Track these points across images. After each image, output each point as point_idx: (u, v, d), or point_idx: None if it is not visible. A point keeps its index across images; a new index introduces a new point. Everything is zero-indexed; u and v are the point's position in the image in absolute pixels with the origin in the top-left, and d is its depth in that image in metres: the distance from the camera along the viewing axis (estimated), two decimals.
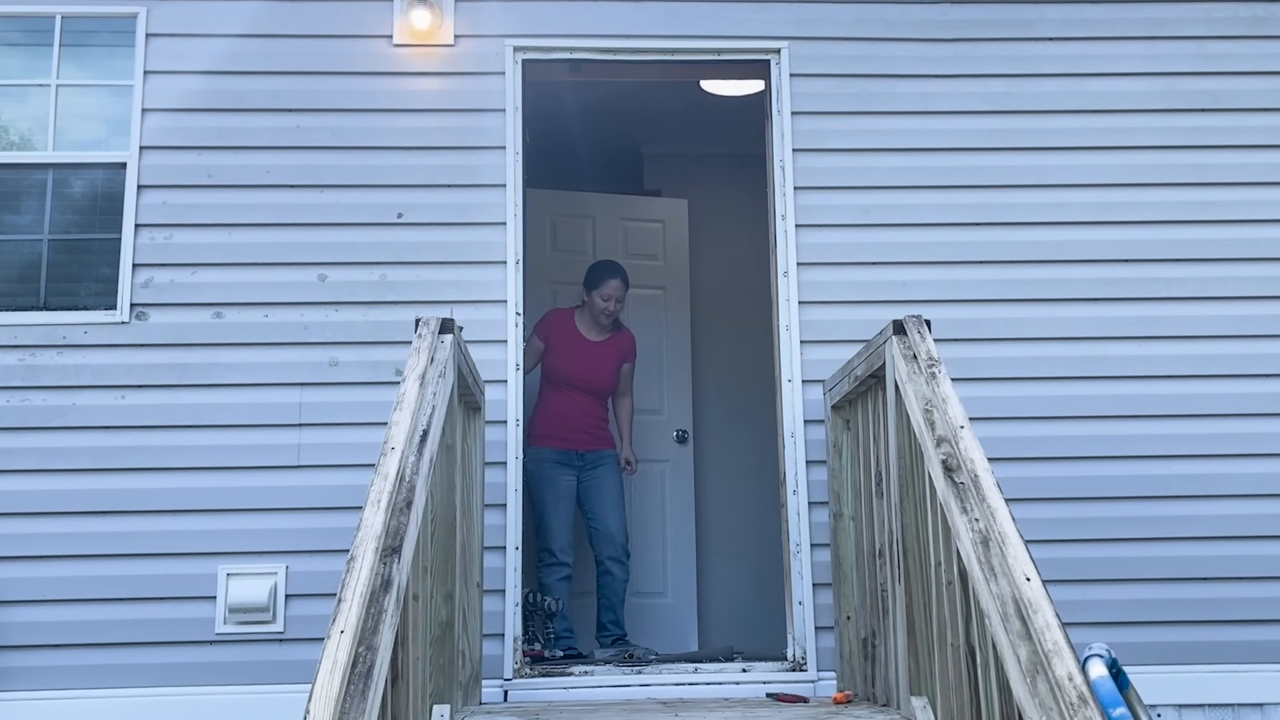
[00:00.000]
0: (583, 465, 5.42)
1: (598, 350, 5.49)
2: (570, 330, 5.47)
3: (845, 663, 4.29)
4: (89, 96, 4.85)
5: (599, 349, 5.49)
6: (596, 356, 5.48)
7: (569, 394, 5.43)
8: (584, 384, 5.45)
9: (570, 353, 5.44)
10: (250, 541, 4.42)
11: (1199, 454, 4.62)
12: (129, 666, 4.31)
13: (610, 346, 5.53)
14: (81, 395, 4.51)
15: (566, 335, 5.46)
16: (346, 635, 2.46)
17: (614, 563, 5.34)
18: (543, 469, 5.32)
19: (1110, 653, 3.24)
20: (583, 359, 5.44)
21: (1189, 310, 4.74)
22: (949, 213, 4.79)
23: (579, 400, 5.44)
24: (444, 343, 3.51)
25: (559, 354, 5.43)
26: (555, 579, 5.21)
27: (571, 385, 5.43)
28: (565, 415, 5.41)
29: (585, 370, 5.44)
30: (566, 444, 5.39)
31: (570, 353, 5.44)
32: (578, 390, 5.44)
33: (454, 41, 4.85)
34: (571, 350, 5.44)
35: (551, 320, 5.51)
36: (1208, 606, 4.49)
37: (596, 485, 5.43)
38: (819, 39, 4.91)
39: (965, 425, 3.12)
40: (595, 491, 5.42)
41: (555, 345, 5.44)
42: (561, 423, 5.40)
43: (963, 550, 2.84)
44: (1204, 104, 4.91)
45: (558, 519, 5.30)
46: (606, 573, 5.36)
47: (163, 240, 4.65)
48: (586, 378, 5.44)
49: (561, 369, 5.42)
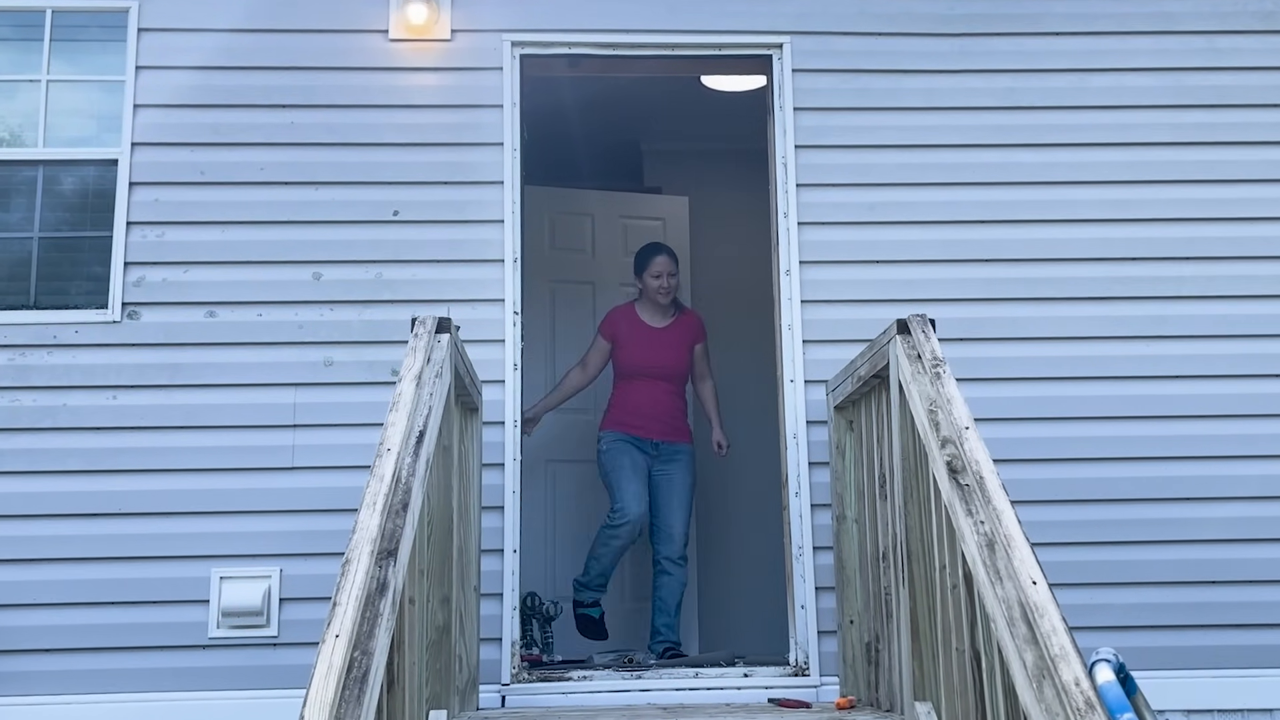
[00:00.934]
0: (657, 455, 5.35)
1: (664, 335, 5.45)
2: (634, 321, 5.47)
3: (848, 667, 4.28)
4: (80, 92, 4.85)
5: (664, 334, 5.46)
6: (664, 341, 5.45)
7: (643, 383, 5.41)
8: (656, 370, 5.41)
9: (637, 342, 5.42)
10: (244, 544, 4.41)
11: (1208, 455, 4.61)
12: (120, 671, 4.31)
13: (676, 330, 5.49)
14: (72, 395, 4.51)
15: (631, 327, 5.45)
16: (341, 639, 2.46)
17: (672, 563, 5.25)
18: (616, 445, 5.31)
19: (1118, 657, 3.24)
20: (650, 346, 5.42)
21: (1198, 309, 4.73)
22: (953, 210, 4.79)
23: (654, 389, 5.40)
24: (440, 342, 3.51)
25: (626, 346, 5.43)
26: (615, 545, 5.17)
27: (644, 374, 5.40)
28: (639, 404, 5.37)
29: (655, 356, 5.41)
30: (641, 432, 5.35)
31: (637, 342, 5.42)
32: (651, 378, 5.41)
33: (451, 36, 4.85)
34: (638, 339, 5.43)
35: (614, 317, 5.52)
36: (1217, 610, 4.49)
37: (668, 480, 5.34)
38: (822, 34, 4.91)
39: (970, 426, 3.11)
40: (666, 486, 5.33)
41: (622, 339, 5.44)
42: (635, 410, 5.37)
43: (968, 553, 2.84)
44: (1213, 100, 4.91)
45: (633, 482, 5.21)
46: (664, 573, 5.25)
47: (155, 238, 4.65)
48: (657, 363, 5.41)
49: (634, 360, 5.41)
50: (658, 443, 5.36)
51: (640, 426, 5.35)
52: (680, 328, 5.50)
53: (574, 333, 6.17)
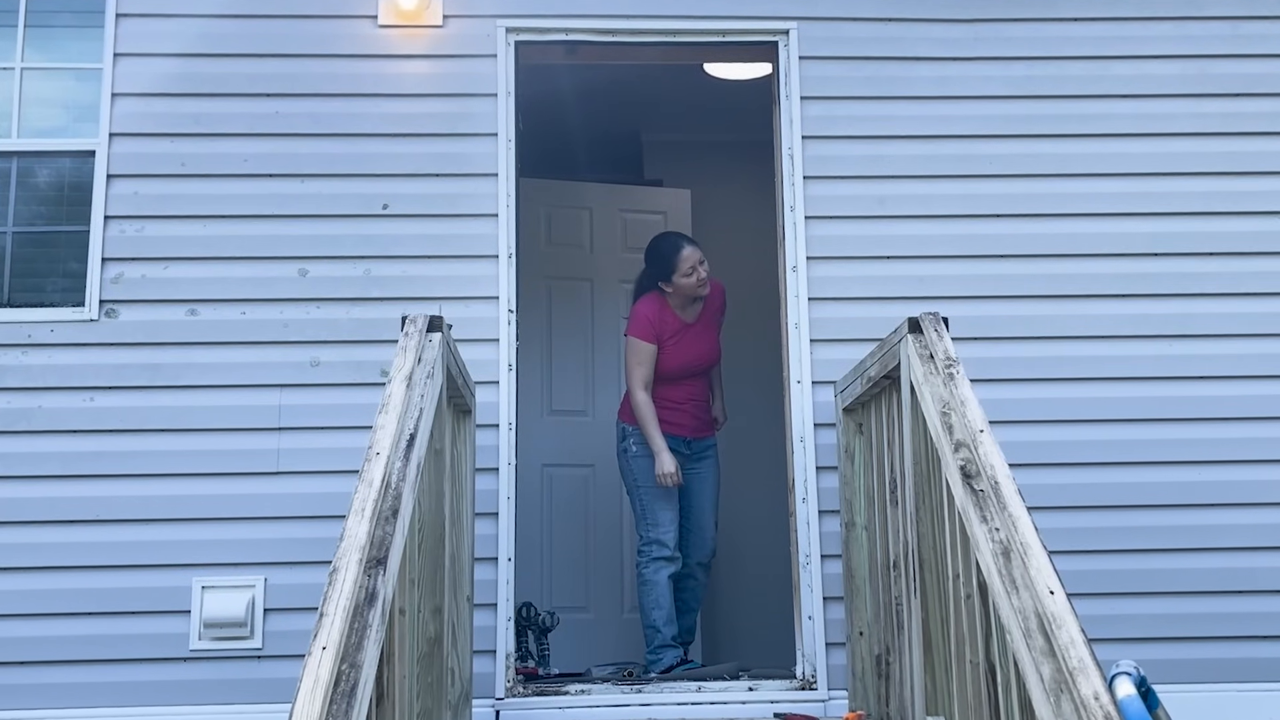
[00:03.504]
0: (689, 455, 5.17)
1: (697, 328, 5.21)
2: (671, 320, 5.14)
3: (858, 681, 4.29)
4: (55, 80, 4.85)
5: (697, 328, 5.20)
6: (699, 335, 5.21)
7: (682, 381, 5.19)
8: (697, 369, 5.21)
9: (679, 343, 5.14)
10: (226, 552, 4.42)
11: (1234, 459, 4.61)
12: (97, 685, 4.31)
13: (705, 318, 5.23)
14: (47, 397, 4.51)
15: (672, 327, 5.14)
16: (329, 652, 2.46)
17: (700, 568, 5.17)
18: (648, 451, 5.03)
19: (1139, 670, 3.24)
20: (691, 344, 5.17)
21: (1224, 307, 4.73)
22: (967, 204, 4.79)
23: (687, 385, 5.21)
24: (432, 341, 3.51)
25: (669, 349, 5.11)
26: (664, 575, 4.96)
27: (685, 376, 5.18)
28: (674, 400, 5.15)
29: (695, 353, 5.18)
30: (675, 429, 5.12)
31: (679, 343, 5.14)
32: (691, 378, 5.21)
33: (442, 22, 4.86)
34: (680, 340, 5.14)
35: (649, 316, 5.10)
36: (1244, 621, 4.49)
37: (700, 481, 5.19)
38: (830, 19, 4.92)
39: (985, 429, 3.11)
40: (698, 487, 5.18)
41: (665, 342, 5.12)
42: (669, 407, 5.12)
43: (982, 562, 2.84)
44: (1238, 88, 4.91)
45: (669, 507, 5.02)
46: (690, 576, 5.15)
47: (134, 233, 4.65)
48: (697, 360, 5.19)
49: (678, 362, 5.12)
50: (690, 440, 5.18)
51: (676, 423, 5.12)
52: (708, 313, 5.25)
53: (571, 332, 6.18)
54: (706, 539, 5.18)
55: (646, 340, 5.07)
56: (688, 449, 5.17)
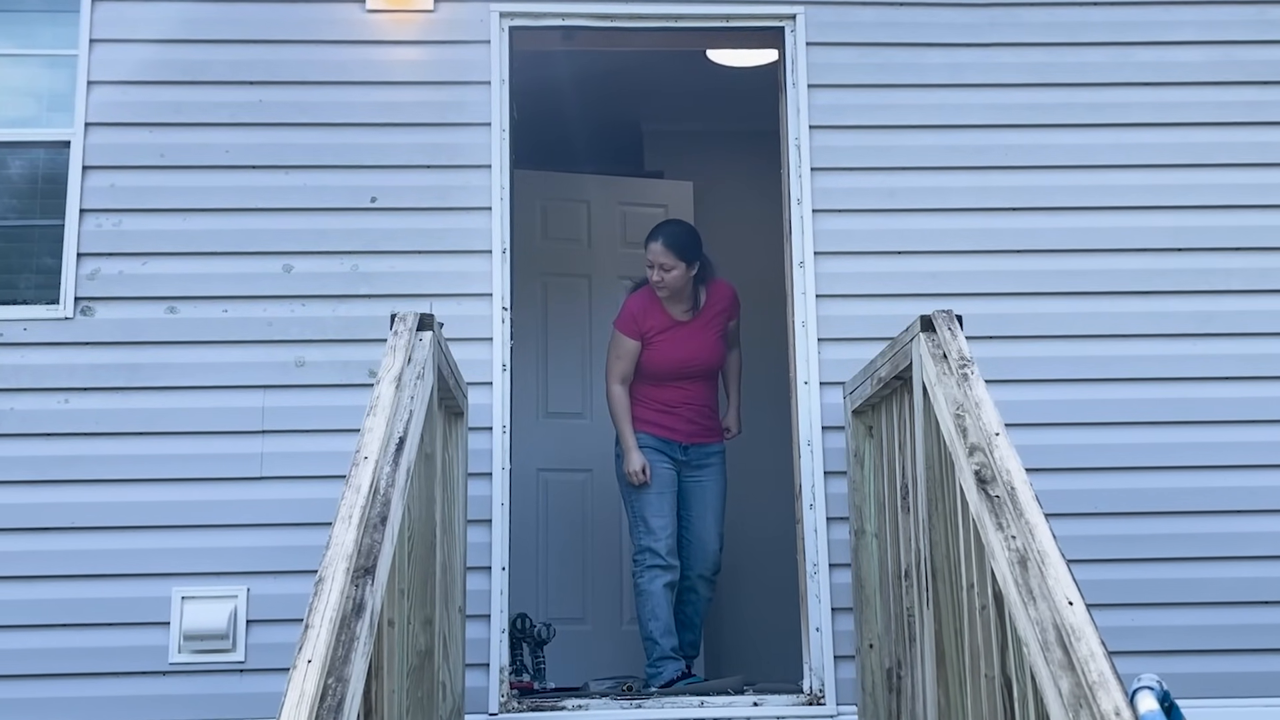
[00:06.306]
0: (685, 461, 5.12)
1: (691, 328, 5.14)
2: (658, 315, 5.10)
3: (867, 695, 4.29)
4: (28, 68, 4.86)
5: (691, 327, 5.14)
6: (692, 334, 5.14)
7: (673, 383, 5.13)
8: (688, 371, 5.13)
9: (665, 341, 5.10)
10: (207, 561, 4.42)
11: (1261, 464, 4.62)
12: (71, 700, 4.30)
13: (705, 317, 5.16)
14: (20, 399, 4.50)
15: (658, 322, 5.10)
16: (314, 665, 2.46)
17: (703, 581, 5.12)
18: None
19: (1161, 684, 3.24)
20: (679, 343, 5.11)
21: (1248, 304, 4.74)
22: (982, 196, 4.79)
23: (683, 387, 5.13)
24: (422, 341, 3.52)
25: (654, 346, 5.08)
26: (659, 584, 4.93)
27: (676, 377, 5.12)
28: (666, 402, 5.11)
29: (685, 354, 5.10)
30: (667, 432, 5.09)
31: (665, 341, 5.10)
32: (683, 379, 5.13)
33: (433, 7, 4.86)
34: (666, 337, 5.10)
35: (634, 312, 5.10)
36: (1271, 633, 4.49)
37: (700, 489, 5.14)
38: (839, 3, 4.92)
39: (1000, 432, 3.12)
40: (697, 496, 5.13)
41: (649, 338, 5.09)
42: (661, 408, 5.10)
43: (998, 571, 2.84)
44: (1265, 76, 4.92)
45: (660, 513, 4.98)
46: (691, 590, 5.12)
47: (111, 227, 4.65)
48: (688, 361, 5.11)
49: (662, 361, 5.08)
50: (686, 446, 5.13)
51: (669, 427, 5.09)
52: (710, 313, 5.18)
53: (568, 330, 6.18)
54: (708, 551, 5.14)
55: (627, 334, 5.10)
56: (684, 455, 5.14)
